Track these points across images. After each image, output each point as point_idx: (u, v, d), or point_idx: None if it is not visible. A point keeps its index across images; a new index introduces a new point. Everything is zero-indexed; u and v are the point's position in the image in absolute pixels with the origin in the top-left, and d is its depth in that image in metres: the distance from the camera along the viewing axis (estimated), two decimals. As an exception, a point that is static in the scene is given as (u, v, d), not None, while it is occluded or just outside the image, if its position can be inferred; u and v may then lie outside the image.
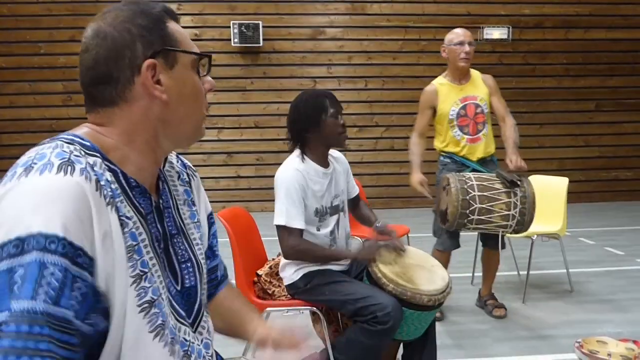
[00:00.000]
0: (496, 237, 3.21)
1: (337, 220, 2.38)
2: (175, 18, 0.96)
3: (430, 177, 3.38)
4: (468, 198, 2.97)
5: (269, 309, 2.38)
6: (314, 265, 2.30)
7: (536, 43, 7.66)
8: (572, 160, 7.83)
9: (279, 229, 2.23)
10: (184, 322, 0.98)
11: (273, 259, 2.65)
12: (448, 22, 7.33)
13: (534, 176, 4.07)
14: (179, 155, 1.15)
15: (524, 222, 3.03)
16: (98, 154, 0.86)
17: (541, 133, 7.74)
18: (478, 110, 3.33)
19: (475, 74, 3.44)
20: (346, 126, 2.33)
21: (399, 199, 7.53)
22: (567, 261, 3.87)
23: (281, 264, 2.39)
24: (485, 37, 7.48)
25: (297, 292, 2.34)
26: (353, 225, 2.71)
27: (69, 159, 0.80)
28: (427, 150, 3.52)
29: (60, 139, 0.86)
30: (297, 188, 2.21)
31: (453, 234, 3.33)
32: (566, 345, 2.89)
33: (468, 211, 2.98)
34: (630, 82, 7.83)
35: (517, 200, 2.99)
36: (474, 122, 3.33)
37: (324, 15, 7.42)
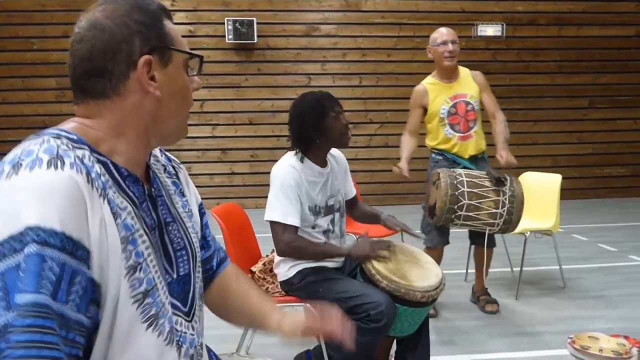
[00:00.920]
0: (483, 235, 3.22)
1: (332, 220, 2.38)
2: (170, 16, 0.97)
3: (422, 174, 3.39)
4: (457, 193, 2.99)
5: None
6: (309, 262, 2.30)
7: (530, 40, 7.69)
8: (566, 157, 7.87)
9: (273, 225, 2.22)
10: (176, 312, 0.98)
11: (267, 256, 2.65)
12: (442, 19, 7.35)
13: (527, 173, 4.10)
14: (162, 150, 1.15)
15: (511, 222, 3.05)
16: (86, 146, 0.86)
17: (535, 130, 7.77)
18: (469, 108, 3.34)
19: (464, 71, 3.45)
20: (349, 123, 2.32)
21: (392, 196, 7.55)
22: (560, 257, 3.89)
23: (275, 260, 2.39)
24: (479, 34, 7.50)
25: (292, 289, 2.34)
26: (348, 223, 2.71)
27: (58, 153, 0.80)
28: (420, 147, 3.53)
29: (46, 134, 0.85)
30: (293, 185, 2.20)
31: (442, 230, 3.34)
32: (559, 341, 2.91)
33: (456, 206, 3.00)
34: (623, 79, 7.87)
35: (506, 199, 3.00)
36: (465, 120, 3.34)
37: (319, 12, 7.42)
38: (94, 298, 0.80)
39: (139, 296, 0.87)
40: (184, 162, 1.16)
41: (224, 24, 7.12)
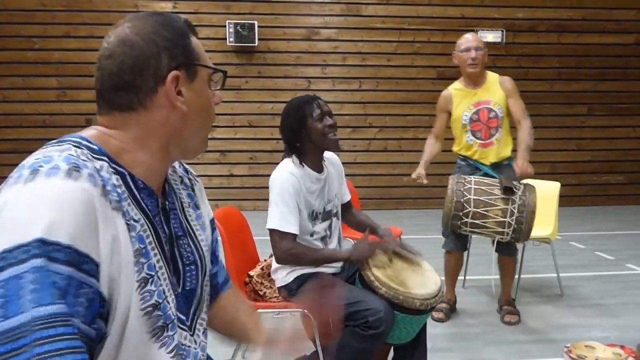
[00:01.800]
0: (505, 243, 3.21)
1: (330, 226, 2.38)
2: (195, 32, 1.00)
3: (445, 179, 3.35)
4: (462, 201, 2.99)
5: (260, 310, 2.38)
6: (307, 268, 2.29)
7: (529, 47, 7.71)
8: (564, 164, 7.88)
9: (271, 232, 2.22)
10: (180, 326, 0.98)
11: (265, 260, 2.65)
12: (442, 25, 7.38)
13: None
14: (180, 161, 1.16)
15: (522, 231, 3.01)
16: (105, 157, 0.87)
17: (534, 136, 7.77)
18: (491, 115, 3.33)
19: (492, 76, 3.42)
20: (335, 126, 2.30)
21: (391, 200, 7.55)
22: (558, 265, 3.90)
23: (273, 266, 2.38)
24: (479, 40, 7.50)
25: (290, 294, 2.34)
26: (345, 228, 2.71)
27: (77, 163, 0.80)
28: (444, 152, 3.54)
29: (67, 142, 0.86)
30: (292, 192, 2.20)
31: (459, 236, 3.33)
32: (556, 349, 2.91)
33: (462, 213, 3.00)
34: (622, 87, 7.89)
35: (515, 207, 2.98)
36: (486, 127, 3.33)
37: (319, 16, 7.43)
38: (100, 311, 0.80)
39: (149, 309, 0.87)
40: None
41: (225, 26, 7.14)
